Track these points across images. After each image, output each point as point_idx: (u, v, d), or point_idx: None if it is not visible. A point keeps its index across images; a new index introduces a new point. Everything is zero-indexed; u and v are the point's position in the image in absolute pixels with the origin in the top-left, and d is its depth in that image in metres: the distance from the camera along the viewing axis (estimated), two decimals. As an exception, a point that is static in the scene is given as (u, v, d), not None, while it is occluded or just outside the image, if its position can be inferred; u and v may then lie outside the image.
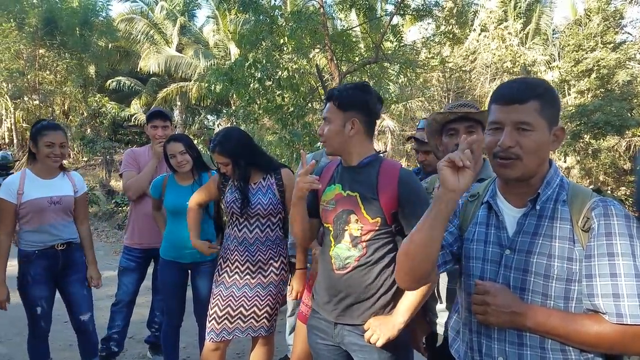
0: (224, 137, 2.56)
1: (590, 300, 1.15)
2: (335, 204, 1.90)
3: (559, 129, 1.25)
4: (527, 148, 1.21)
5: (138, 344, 3.92)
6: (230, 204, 2.55)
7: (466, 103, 2.06)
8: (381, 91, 10.11)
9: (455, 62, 13.16)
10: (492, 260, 1.30)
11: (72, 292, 2.87)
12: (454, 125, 1.96)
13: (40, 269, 2.74)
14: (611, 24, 13.31)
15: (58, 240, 2.80)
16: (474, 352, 1.33)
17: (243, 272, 2.55)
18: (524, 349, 1.22)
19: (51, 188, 2.78)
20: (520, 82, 1.27)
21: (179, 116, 20.06)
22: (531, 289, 1.22)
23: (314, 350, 2.03)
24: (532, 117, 1.20)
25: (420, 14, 8.88)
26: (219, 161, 2.56)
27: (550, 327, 1.17)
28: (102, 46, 17.17)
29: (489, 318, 1.23)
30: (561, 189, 1.27)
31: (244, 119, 8.20)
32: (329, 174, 2.00)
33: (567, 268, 1.18)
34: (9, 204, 2.66)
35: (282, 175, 2.61)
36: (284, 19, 8.12)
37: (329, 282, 1.90)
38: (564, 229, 1.21)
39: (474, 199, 1.42)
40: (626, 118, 11.64)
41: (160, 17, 19.89)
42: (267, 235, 2.57)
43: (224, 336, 2.55)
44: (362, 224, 1.82)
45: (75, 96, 17.19)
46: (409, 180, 1.84)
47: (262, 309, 2.56)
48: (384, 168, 1.87)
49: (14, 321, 2.79)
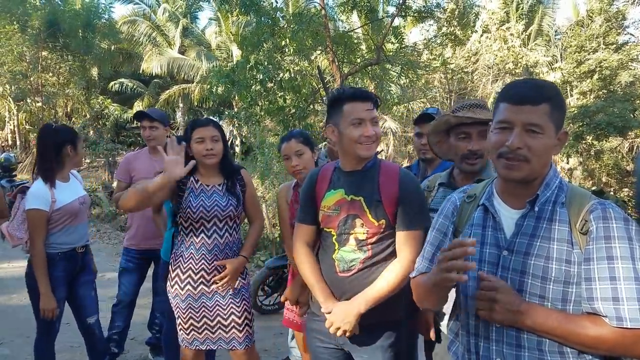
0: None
1: (589, 304, 1.14)
2: (339, 210, 1.88)
3: (563, 133, 1.24)
4: (535, 151, 1.19)
5: (139, 346, 3.92)
6: (198, 209, 2.36)
7: (478, 103, 1.99)
8: (383, 93, 10.14)
9: (457, 64, 13.15)
10: (489, 262, 1.29)
11: (82, 294, 2.88)
12: (465, 129, 1.90)
13: (61, 271, 2.77)
14: (613, 25, 13.27)
15: (82, 241, 2.87)
16: (471, 354, 1.32)
17: (209, 281, 2.39)
18: (521, 350, 1.22)
19: (74, 190, 2.84)
20: (533, 83, 1.26)
21: (181, 118, 20.11)
22: (528, 290, 1.21)
23: (314, 353, 2.03)
24: (542, 120, 1.18)
25: (421, 16, 8.88)
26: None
27: (549, 327, 1.16)
28: (104, 48, 17.24)
29: (494, 315, 1.21)
30: (560, 190, 1.26)
31: (246, 120, 8.21)
32: (327, 179, 1.96)
33: (565, 270, 1.17)
34: (44, 213, 2.65)
35: (242, 175, 2.54)
36: (285, 21, 8.13)
37: (332, 284, 1.89)
38: (562, 231, 1.20)
39: (470, 200, 1.41)
40: (629, 119, 11.60)
41: (162, 19, 19.96)
42: (234, 238, 2.47)
43: (197, 345, 2.44)
44: (368, 227, 1.83)
45: (78, 98, 17.27)
46: (408, 180, 1.87)
47: (240, 315, 2.42)
48: (384, 169, 1.89)
49: (16, 323, 2.79)
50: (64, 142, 2.74)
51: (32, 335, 2.91)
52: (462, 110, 1.95)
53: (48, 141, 2.75)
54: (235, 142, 15.65)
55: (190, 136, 2.38)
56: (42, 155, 2.76)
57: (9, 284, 4.66)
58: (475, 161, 1.89)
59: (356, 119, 1.82)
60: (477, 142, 1.88)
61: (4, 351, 3.85)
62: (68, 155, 2.78)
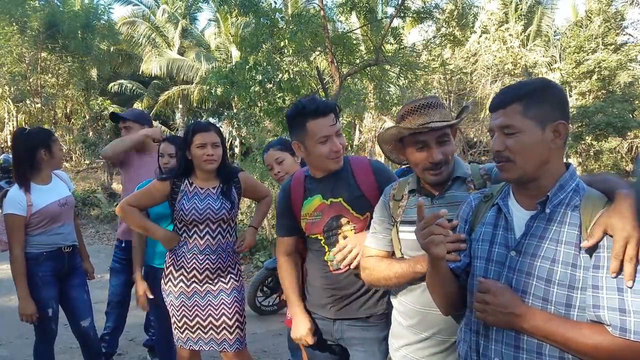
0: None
1: (594, 311, 1.13)
2: (321, 214, 1.93)
3: (558, 124, 1.22)
4: (514, 150, 1.23)
5: (138, 347, 3.92)
6: (191, 211, 2.38)
7: (430, 103, 1.58)
8: (382, 93, 10.13)
9: (456, 64, 13.14)
10: (496, 261, 1.30)
11: (73, 296, 2.88)
12: (421, 138, 1.55)
13: (48, 270, 2.76)
14: (612, 25, 13.28)
15: (67, 241, 2.85)
16: (472, 352, 1.33)
17: (202, 280, 2.42)
18: (520, 352, 1.22)
19: (55, 192, 2.81)
20: (510, 87, 1.30)
21: (180, 119, 20.11)
22: (532, 292, 1.20)
23: (309, 351, 2.07)
24: (514, 120, 1.22)
25: (420, 17, 8.87)
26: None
27: (548, 332, 1.15)
28: (104, 49, 17.24)
29: (487, 317, 1.23)
30: (575, 194, 1.23)
31: (245, 121, 8.20)
32: (300, 188, 2.00)
33: (570, 274, 1.16)
34: (20, 218, 2.64)
35: (239, 178, 2.56)
36: (284, 22, 8.13)
37: (326, 282, 1.94)
38: (571, 235, 1.19)
39: (487, 199, 1.42)
40: (628, 119, 11.62)
41: (161, 20, 19.97)
42: (227, 240, 2.49)
43: (191, 345, 2.46)
44: (354, 223, 1.88)
45: (77, 99, 17.27)
46: (380, 167, 1.98)
47: (231, 317, 2.43)
48: (355, 165, 1.95)
49: (14, 324, 2.79)
50: (36, 146, 2.73)
51: (31, 336, 2.91)
52: (412, 116, 1.57)
53: (20, 146, 2.74)
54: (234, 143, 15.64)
55: (190, 140, 2.37)
56: (16, 160, 2.75)
57: (7, 285, 4.64)
58: (440, 170, 1.57)
59: (322, 137, 1.82)
60: (437, 150, 1.55)
61: (3, 352, 3.85)
62: (43, 159, 2.76)
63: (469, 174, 1.63)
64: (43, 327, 2.79)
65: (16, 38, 14.06)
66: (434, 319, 1.58)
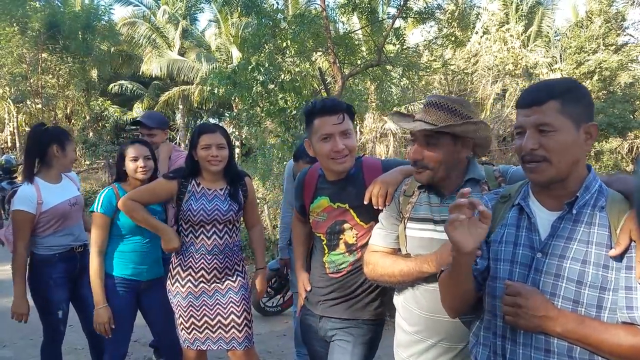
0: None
1: (627, 312, 1.11)
2: (326, 216, 1.94)
3: (591, 126, 1.20)
4: (551, 149, 1.18)
5: (143, 347, 3.91)
6: (199, 212, 2.38)
7: (435, 102, 1.58)
8: (383, 94, 10.13)
9: (457, 65, 13.15)
10: (521, 263, 1.26)
11: (85, 295, 2.87)
12: (411, 138, 1.62)
13: (61, 271, 2.76)
14: (613, 26, 13.29)
15: (78, 241, 2.84)
16: (497, 356, 1.29)
17: (209, 280, 2.43)
18: (550, 355, 1.19)
19: (65, 191, 2.80)
20: (541, 84, 1.26)
21: (181, 119, 20.10)
22: (562, 294, 1.18)
23: (309, 348, 2.11)
24: (551, 118, 1.18)
25: (422, 17, 8.87)
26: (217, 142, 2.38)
27: (581, 335, 1.13)
28: (104, 50, 17.23)
29: (519, 321, 1.19)
30: (600, 194, 1.22)
31: (247, 122, 8.20)
32: (312, 185, 2.00)
33: (602, 275, 1.14)
34: (29, 214, 2.61)
35: (245, 182, 2.56)
36: (286, 22, 8.13)
37: (322, 282, 1.98)
38: (601, 235, 1.17)
39: (504, 200, 1.38)
40: (628, 120, 11.63)
41: (162, 21, 19.96)
42: (233, 240, 2.50)
43: (198, 345, 2.45)
44: (357, 230, 1.87)
45: (77, 100, 17.26)
46: (390, 165, 1.87)
47: (240, 315, 2.43)
48: (367, 171, 1.89)
49: (18, 325, 2.78)
50: (50, 142, 2.72)
51: (35, 337, 2.90)
52: (419, 114, 1.62)
53: (35, 139, 2.74)
54: (235, 143, 15.64)
55: (196, 141, 2.39)
56: (28, 154, 2.74)
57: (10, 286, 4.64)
58: (420, 170, 1.58)
59: (324, 134, 1.81)
60: (417, 150, 1.57)
61: (7, 353, 3.84)
62: (55, 156, 2.74)
63: (483, 176, 1.61)
64: (52, 328, 2.78)
65: (17, 39, 14.05)
66: (440, 326, 1.57)
